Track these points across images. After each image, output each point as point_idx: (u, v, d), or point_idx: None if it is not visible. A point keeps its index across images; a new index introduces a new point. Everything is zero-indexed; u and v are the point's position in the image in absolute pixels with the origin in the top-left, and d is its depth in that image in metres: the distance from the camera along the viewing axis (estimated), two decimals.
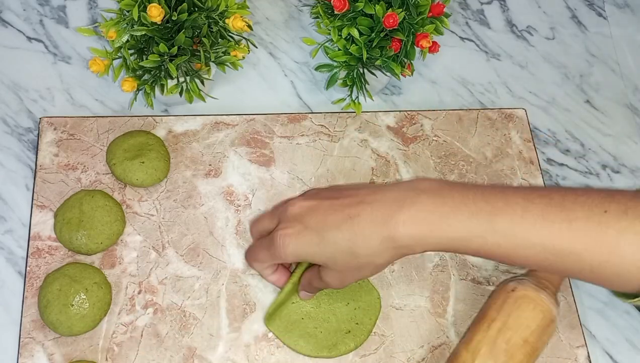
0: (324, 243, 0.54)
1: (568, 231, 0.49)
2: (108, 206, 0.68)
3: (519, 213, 0.50)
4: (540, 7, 0.92)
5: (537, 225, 0.50)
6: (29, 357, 0.63)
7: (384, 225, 0.51)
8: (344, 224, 0.53)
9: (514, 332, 0.59)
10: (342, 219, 0.53)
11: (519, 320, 0.60)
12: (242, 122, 0.77)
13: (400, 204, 0.52)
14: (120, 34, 0.68)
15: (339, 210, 0.53)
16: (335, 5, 0.70)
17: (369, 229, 0.52)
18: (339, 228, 0.53)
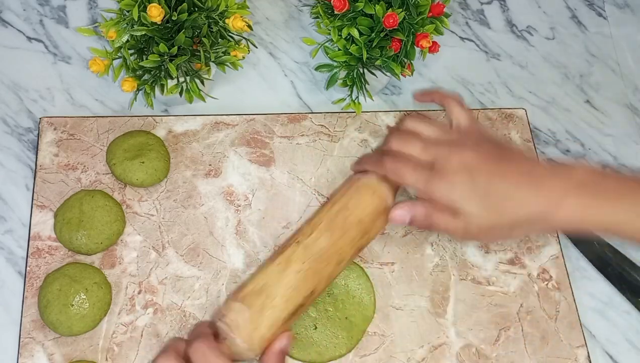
0: (488, 205, 0.57)
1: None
2: (108, 206, 0.68)
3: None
4: (540, 7, 0.92)
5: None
6: (29, 357, 0.63)
7: (548, 207, 0.55)
8: (514, 196, 0.56)
9: (351, 212, 0.62)
10: (513, 191, 0.56)
11: (357, 203, 0.63)
12: (242, 122, 0.77)
13: (566, 192, 0.56)
14: (120, 34, 0.68)
15: (510, 180, 0.57)
16: (335, 5, 0.70)
17: (535, 206, 0.56)
18: (509, 198, 0.56)
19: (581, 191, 0.56)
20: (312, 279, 0.59)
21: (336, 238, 0.61)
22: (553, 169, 0.58)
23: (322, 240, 0.60)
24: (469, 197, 0.57)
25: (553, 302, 0.70)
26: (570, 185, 0.56)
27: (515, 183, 0.57)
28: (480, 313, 0.69)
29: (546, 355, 0.68)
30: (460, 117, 0.64)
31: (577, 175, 0.57)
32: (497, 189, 0.57)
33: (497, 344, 0.68)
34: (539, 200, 0.56)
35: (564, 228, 0.61)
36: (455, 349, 0.68)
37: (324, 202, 0.69)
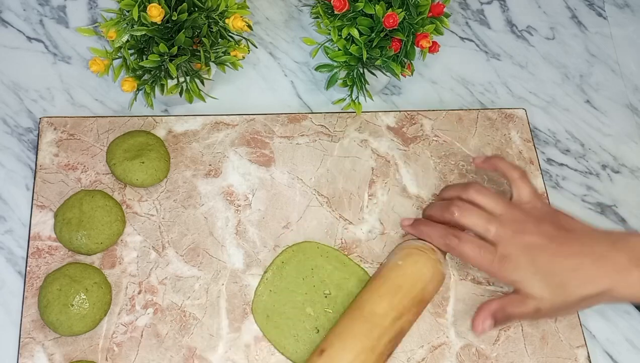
0: (552, 282, 0.58)
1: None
2: (108, 206, 0.68)
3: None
4: (540, 7, 0.92)
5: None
6: (29, 357, 0.63)
7: (610, 283, 0.57)
8: (574, 272, 0.58)
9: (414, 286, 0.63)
10: (574, 267, 0.58)
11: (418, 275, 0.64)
12: (242, 122, 0.77)
13: (628, 267, 0.57)
14: (120, 34, 0.68)
15: (571, 257, 0.58)
16: (335, 5, 0.70)
17: (596, 281, 0.58)
18: (573, 275, 0.58)
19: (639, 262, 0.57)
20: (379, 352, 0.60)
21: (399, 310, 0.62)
22: (613, 245, 0.59)
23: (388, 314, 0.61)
24: (533, 279, 0.59)
25: None
26: (632, 259, 0.58)
27: (579, 262, 0.58)
28: None
29: (546, 355, 0.68)
30: (523, 192, 0.65)
31: (633, 246, 0.59)
32: (561, 270, 0.58)
33: (497, 344, 0.68)
34: (603, 277, 0.58)
35: (630, 300, 0.62)
36: (455, 349, 0.67)
37: (381, 268, 0.67)
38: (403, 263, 0.64)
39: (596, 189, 0.80)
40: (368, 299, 0.63)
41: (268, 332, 0.66)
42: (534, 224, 0.61)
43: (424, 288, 0.63)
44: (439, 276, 0.65)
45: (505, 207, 0.63)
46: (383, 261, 0.70)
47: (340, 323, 0.62)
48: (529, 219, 0.62)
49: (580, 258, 0.58)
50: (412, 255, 0.65)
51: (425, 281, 0.64)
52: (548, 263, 0.59)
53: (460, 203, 0.64)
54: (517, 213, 0.63)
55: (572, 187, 0.79)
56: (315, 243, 0.70)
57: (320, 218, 0.72)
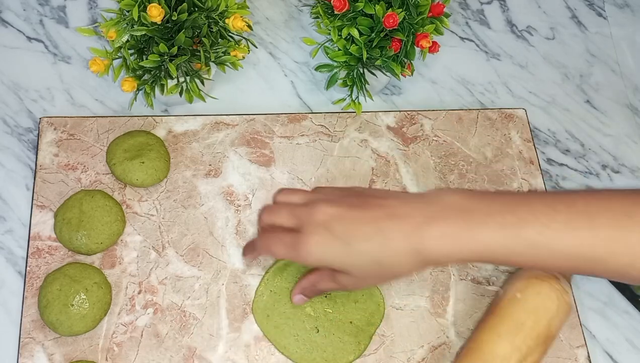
0: (351, 252, 0.54)
1: (593, 239, 0.50)
2: (108, 206, 0.68)
3: (545, 222, 0.51)
4: (540, 7, 0.92)
5: (562, 234, 0.51)
6: (29, 357, 0.63)
7: (413, 239, 0.52)
8: (374, 236, 0.53)
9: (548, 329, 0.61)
10: (372, 231, 0.53)
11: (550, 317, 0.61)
12: (242, 122, 0.77)
13: (429, 219, 0.52)
14: (120, 34, 0.68)
15: (369, 222, 0.53)
16: (335, 5, 0.70)
17: (397, 241, 0.52)
18: (369, 239, 0.53)
19: (445, 218, 0.52)
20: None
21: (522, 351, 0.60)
22: (416, 200, 0.54)
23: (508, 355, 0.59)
24: (333, 252, 0.54)
25: None
26: (433, 213, 0.52)
27: (375, 224, 0.53)
28: (480, 313, 0.69)
29: (546, 355, 0.68)
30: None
31: (442, 201, 0.53)
32: (357, 235, 0.53)
33: None
34: (400, 236, 0.52)
35: (441, 262, 0.54)
36: (455, 349, 0.67)
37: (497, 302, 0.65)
38: (522, 295, 0.60)
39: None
40: (487, 339, 0.59)
41: (268, 331, 0.66)
42: (332, 199, 0.57)
43: (549, 324, 0.59)
44: (565, 307, 0.61)
45: (307, 194, 0.59)
46: (499, 291, 0.68)
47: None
48: (328, 197, 0.57)
49: (380, 221, 0.53)
50: (533, 285, 0.61)
51: (551, 315, 0.60)
52: (343, 232, 0.53)
53: (267, 205, 0.61)
54: (318, 195, 0.58)
55: (572, 187, 0.79)
56: None
57: None
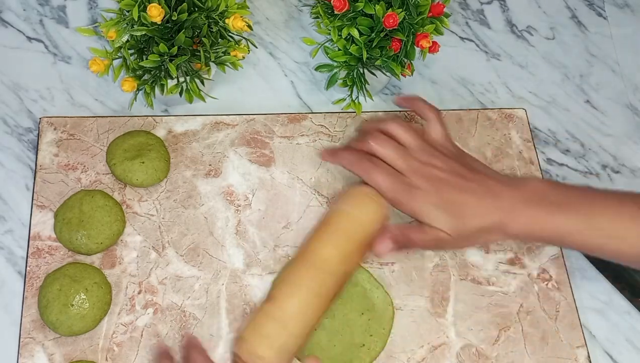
0: (453, 216, 0.62)
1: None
2: (108, 206, 0.68)
3: (615, 212, 0.63)
4: (540, 7, 0.92)
5: (628, 224, 0.62)
6: (29, 357, 0.63)
7: (506, 216, 0.62)
8: (475, 207, 0.62)
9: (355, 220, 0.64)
10: (474, 203, 0.63)
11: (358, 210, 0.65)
12: (242, 122, 0.77)
13: (521, 202, 0.63)
14: (120, 34, 0.68)
15: (472, 193, 0.63)
16: (335, 5, 0.70)
17: (493, 215, 0.62)
18: (470, 209, 0.62)
19: (531, 202, 0.62)
20: (325, 295, 0.61)
21: (344, 255, 0.63)
22: (509, 183, 0.64)
23: (332, 258, 0.62)
24: (435, 211, 0.62)
25: (553, 302, 0.70)
26: (522, 197, 0.63)
27: (477, 197, 0.63)
28: (480, 313, 0.69)
29: (546, 355, 0.68)
30: (435, 131, 0.68)
31: (529, 187, 0.63)
32: (460, 203, 0.62)
33: (497, 344, 0.68)
34: (495, 212, 0.62)
35: (519, 237, 0.66)
36: (455, 349, 0.67)
37: (325, 213, 0.70)
38: (351, 209, 0.65)
39: None
40: (315, 245, 0.64)
41: None
42: (442, 160, 0.65)
43: (370, 233, 0.64)
44: (382, 219, 0.66)
45: (418, 142, 0.66)
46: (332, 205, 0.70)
47: (288, 270, 0.63)
48: (438, 155, 0.66)
49: (480, 193, 0.63)
50: (361, 202, 0.65)
51: (372, 226, 0.65)
52: (451, 195, 0.63)
53: (377, 133, 0.67)
54: (429, 148, 0.66)
55: None
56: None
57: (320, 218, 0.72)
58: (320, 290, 0.61)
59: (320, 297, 0.61)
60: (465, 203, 0.62)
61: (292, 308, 0.60)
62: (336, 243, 0.63)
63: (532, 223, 0.62)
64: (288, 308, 0.60)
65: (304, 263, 0.62)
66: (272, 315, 0.59)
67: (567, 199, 0.63)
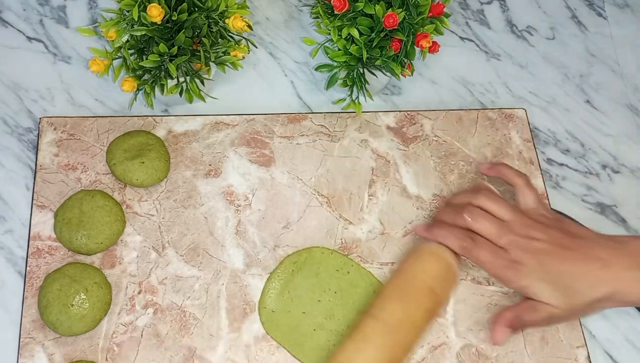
0: (560, 288, 0.61)
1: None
2: (108, 206, 0.68)
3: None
4: (540, 7, 0.92)
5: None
6: (29, 357, 0.63)
7: (614, 283, 0.60)
8: (581, 277, 0.60)
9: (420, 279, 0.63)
10: (579, 272, 0.61)
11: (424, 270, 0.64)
12: (242, 122, 0.77)
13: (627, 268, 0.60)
14: (120, 34, 0.68)
15: (576, 262, 0.61)
16: (335, 5, 0.70)
17: (601, 284, 0.60)
18: (577, 279, 0.60)
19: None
20: (391, 353, 0.60)
21: (407, 305, 0.61)
22: (616, 249, 0.62)
23: (395, 310, 0.61)
24: (542, 284, 0.61)
25: None
26: (632, 262, 0.61)
27: (585, 267, 0.61)
28: (480, 313, 0.69)
29: (546, 355, 0.68)
30: (528, 199, 0.67)
31: (635, 249, 0.61)
32: (569, 275, 0.61)
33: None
34: (608, 282, 0.60)
35: (635, 304, 0.64)
36: (455, 349, 0.67)
37: (393, 273, 0.68)
38: (412, 263, 0.64)
39: (596, 189, 0.80)
40: (380, 302, 0.62)
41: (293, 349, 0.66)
42: (542, 231, 0.63)
43: (434, 285, 0.63)
44: (450, 275, 0.64)
45: (514, 213, 0.65)
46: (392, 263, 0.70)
47: (356, 327, 0.61)
48: (537, 226, 0.64)
49: (587, 262, 0.61)
50: (421, 255, 0.64)
51: (435, 278, 0.63)
52: (557, 268, 0.61)
53: (472, 208, 0.65)
54: (526, 220, 0.64)
55: (572, 187, 0.79)
56: (319, 248, 0.70)
57: (320, 218, 0.72)
58: (387, 343, 0.59)
59: (389, 349, 0.59)
60: (573, 275, 0.61)
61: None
62: (399, 297, 0.61)
63: None
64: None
65: (370, 318, 0.61)
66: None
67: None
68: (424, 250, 0.65)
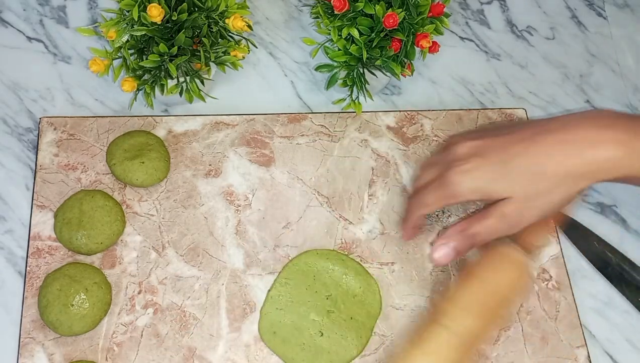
0: (507, 171, 0.53)
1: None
2: (108, 206, 0.68)
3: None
4: (540, 7, 0.92)
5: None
6: (29, 357, 0.63)
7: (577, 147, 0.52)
8: (530, 148, 0.52)
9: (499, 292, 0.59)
10: (526, 146, 0.52)
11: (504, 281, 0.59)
12: (242, 122, 0.77)
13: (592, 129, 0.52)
14: (120, 34, 0.68)
15: (521, 141, 0.52)
16: (335, 5, 0.70)
17: (559, 150, 0.52)
18: (525, 154, 0.52)
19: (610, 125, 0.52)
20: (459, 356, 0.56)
21: (486, 321, 0.58)
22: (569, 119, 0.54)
23: (473, 325, 0.57)
24: (487, 174, 0.54)
25: (553, 302, 0.70)
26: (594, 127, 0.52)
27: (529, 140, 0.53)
28: None
29: (546, 355, 0.68)
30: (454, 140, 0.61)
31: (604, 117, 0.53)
32: (512, 152, 0.53)
33: (497, 344, 0.68)
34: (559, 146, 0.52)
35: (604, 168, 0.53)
36: None
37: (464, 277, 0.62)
38: (494, 276, 0.59)
39: (596, 189, 0.80)
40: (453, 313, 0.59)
41: (276, 347, 0.66)
42: (474, 136, 0.58)
43: (514, 300, 0.60)
44: (524, 279, 0.61)
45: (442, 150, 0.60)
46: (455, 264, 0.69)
47: (421, 335, 0.58)
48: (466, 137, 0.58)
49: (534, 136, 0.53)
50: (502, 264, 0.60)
51: (515, 292, 0.60)
52: (499, 153, 0.54)
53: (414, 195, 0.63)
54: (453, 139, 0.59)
55: None
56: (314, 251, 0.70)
57: (320, 218, 0.72)
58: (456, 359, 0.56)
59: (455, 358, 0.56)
60: (518, 151, 0.53)
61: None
62: (482, 319, 0.57)
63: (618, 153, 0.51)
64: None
65: (443, 329, 0.57)
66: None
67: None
68: (503, 256, 0.60)
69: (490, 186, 0.54)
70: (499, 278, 0.59)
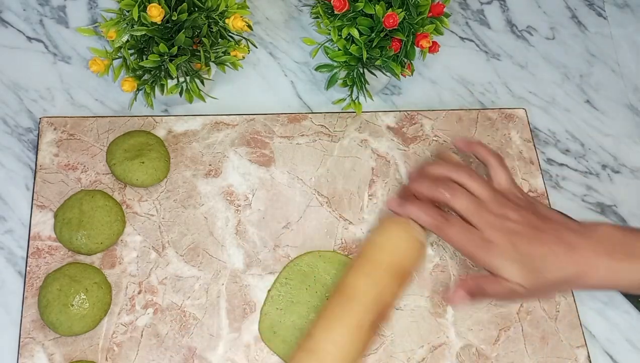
0: (529, 269, 0.60)
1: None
2: (108, 206, 0.68)
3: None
4: (540, 7, 0.92)
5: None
6: (29, 357, 0.63)
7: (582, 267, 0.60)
8: (549, 259, 0.61)
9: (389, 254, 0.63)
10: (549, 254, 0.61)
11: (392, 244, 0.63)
12: (242, 122, 0.77)
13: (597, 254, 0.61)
14: (120, 34, 0.68)
15: (546, 244, 0.61)
16: (335, 5, 0.70)
17: (566, 267, 0.60)
18: (546, 261, 0.61)
19: (608, 253, 0.61)
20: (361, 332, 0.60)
21: (378, 284, 0.61)
22: (582, 232, 0.62)
23: (371, 291, 0.60)
24: (512, 264, 0.60)
25: (553, 302, 0.70)
26: (598, 248, 0.61)
27: (553, 250, 0.61)
28: (480, 313, 0.69)
29: (546, 355, 0.68)
30: (501, 178, 0.66)
31: (603, 236, 0.62)
32: (537, 255, 0.61)
33: (497, 344, 0.68)
34: (572, 264, 0.61)
35: (596, 288, 0.66)
36: (455, 349, 0.68)
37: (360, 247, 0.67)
38: (379, 238, 0.64)
39: (596, 189, 0.80)
40: (348, 278, 0.63)
41: (277, 347, 0.66)
42: (515, 211, 0.63)
43: (402, 260, 0.63)
44: (417, 247, 0.64)
45: (490, 193, 0.64)
46: None
47: (324, 305, 0.62)
48: (511, 206, 0.64)
49: (556, 244, 0.61)
50: (389, 229, 0.64)
51: (403, 253, 0.63)
52: (527, 248, 0.61)
53: (451, 184, 0.65)
54: (502, 199, 0.64)
55: (572, 187, 0.79)
56: (317, 252, 0.70)
57: (320, 218, 0.72)
58: (356, 321, 0.59)
59: (358, 328, 0.59)
60: (541, 256, 0.61)
61: (328, 343, 0.58)
62: (368, 273, 0.61)
63: (611, 274, 0.61)
64: (324, 342, 0.58)
65: (338, 296, 0.61)
66: (307, 348, 0.58)
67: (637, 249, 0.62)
68: (392, 226, 0.64)
69: (507, 272, 0.61)
70: (387, 243, 0.63)
